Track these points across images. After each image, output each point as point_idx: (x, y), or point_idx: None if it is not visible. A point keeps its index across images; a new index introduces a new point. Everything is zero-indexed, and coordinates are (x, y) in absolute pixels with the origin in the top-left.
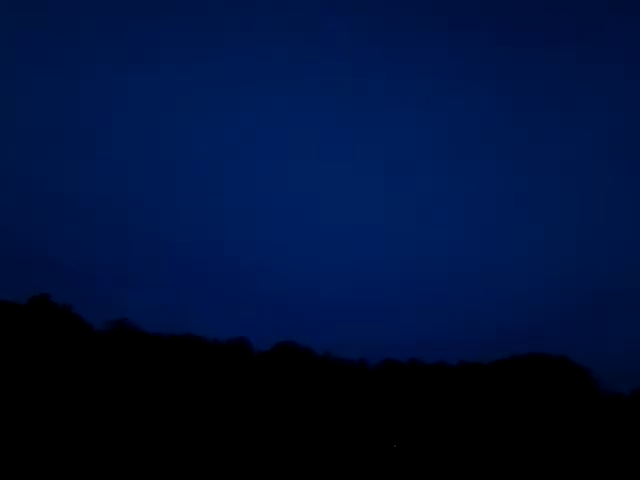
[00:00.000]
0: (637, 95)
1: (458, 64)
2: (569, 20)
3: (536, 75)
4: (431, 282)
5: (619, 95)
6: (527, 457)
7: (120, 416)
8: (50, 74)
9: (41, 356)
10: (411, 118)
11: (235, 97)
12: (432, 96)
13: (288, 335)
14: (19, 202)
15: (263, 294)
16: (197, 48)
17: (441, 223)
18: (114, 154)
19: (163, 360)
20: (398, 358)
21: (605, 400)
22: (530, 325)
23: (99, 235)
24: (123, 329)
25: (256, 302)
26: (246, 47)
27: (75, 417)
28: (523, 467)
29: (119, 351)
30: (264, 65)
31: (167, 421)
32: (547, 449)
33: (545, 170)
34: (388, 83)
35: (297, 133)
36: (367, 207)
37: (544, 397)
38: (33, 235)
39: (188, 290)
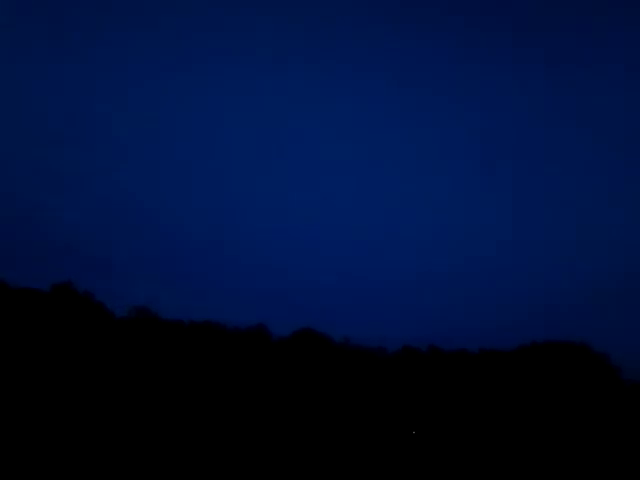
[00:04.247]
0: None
1: (460, 64)
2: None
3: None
4: (448, 272)
5: (621, 94)
6: (547, 444)
7: (142, 401)
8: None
9: (64, 342)
10: (412, 118)
11: (235, 97)
12: (434, 97)
13: (306, 323)
14: (40, 192)
15: (282, 282)
16: (197, 48)
17: (453, 213)
18: (132, 151)
19: (183, 346)
20: (417, 346)
21: (627, 388)
22: (551, 313)
23: (119, 225)
24: (144, 316)
25: (275, 290)
26: (249, 47)
27: (98, 403)
28: (543, 454)
29: (140, 338)
30: (269, 65)
31: (187, 407)
32: (567, 436)
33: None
34: (388, 83)
35: (298, 133)
36: (386, 201)
37: (564, 384)
38: (55, 224)
39: (208, 277)
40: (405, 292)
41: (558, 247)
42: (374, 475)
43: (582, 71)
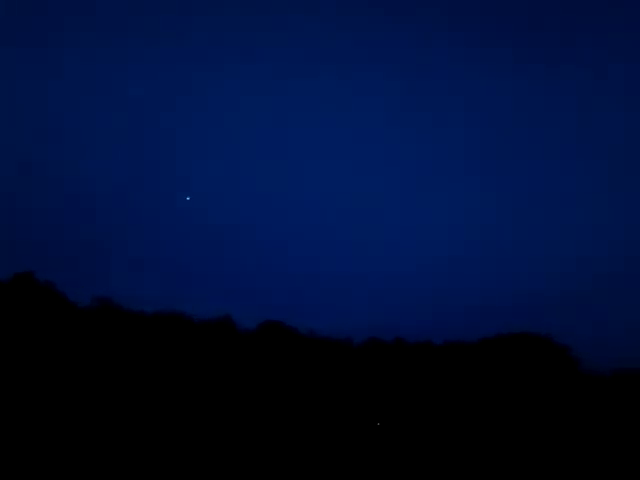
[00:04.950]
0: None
1: (461, 64)
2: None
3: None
4: (416, 265)
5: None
6: (509, 435)
7: (105, 394)
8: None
9: (25, 333)
10: (412, 117)
11: (235, 97)
12: (436, 97)
13: (273, 315)
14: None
15: (248, 274)
16: (197, 48)
17: (431, 208)
18: (101, 141)
19: (148, 337)
20: (383, 338)
21: (586, 379)
22: (517, 308)
23: (84, 215)
24: (108, 306)
25: (241, 282)
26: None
27: (61, 395)
28: (505, 445)
29: (104, 328)
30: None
31: (152, 400)
32: (528, 427)
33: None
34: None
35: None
36: (357, 191)
37: (526, 375)
38: (16, 214)
39: (173, 269)
40: (372, 285)
41: (525, 244)
42: (338, 466)
43: (582, 71)
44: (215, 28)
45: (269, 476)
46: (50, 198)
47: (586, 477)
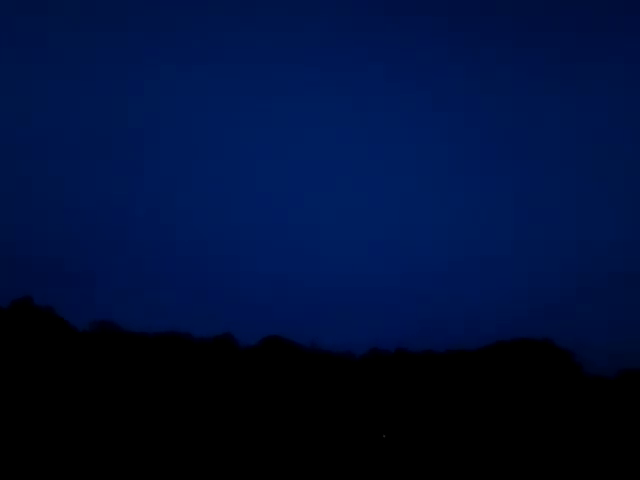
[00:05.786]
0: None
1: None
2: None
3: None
4: (413, 273)
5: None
6: (514, 441)
7: (107, 415)
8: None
9: (26, 358)
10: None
11: (234, 97)
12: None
13: (273, 330)
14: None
15: (247, 291)
16: (198, 48)
17: (423, 211)
18: (99, 154)
19: (149, 359)
20: (384, 348)
21: (590, 382)
22: (516, 312)
23: (79, 238)
24: (107, 330)
25: (240, 299)
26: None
27: (62, 417)
28: (510, 450)
29: (105, 351)
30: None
31: (154, 419)
32: (533, 433)
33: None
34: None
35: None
36: (349, 200)
37: (529, 381)
38: (13, 237)
39: (172, 289)
40: (371, 296)
41: (525, 247)
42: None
43: (582, 70)
44: (215, 28)
45: None
46: (45, 217)
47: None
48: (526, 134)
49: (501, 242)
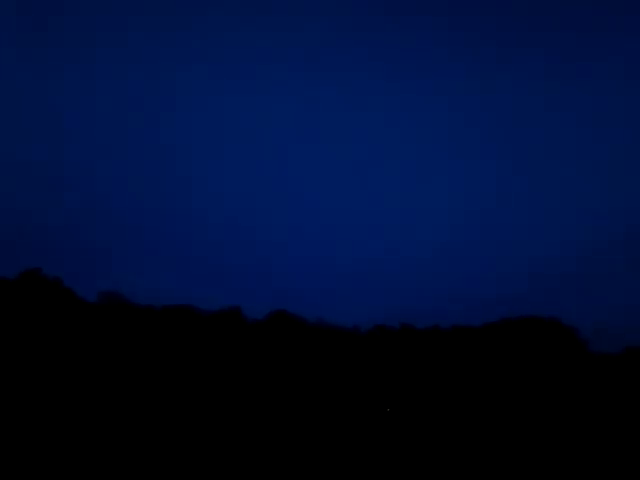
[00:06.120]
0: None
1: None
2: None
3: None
4: (422, 250)
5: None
6: (519, 418)
7: (114, 388)
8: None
9: (35, 329)
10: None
11: (234, 97)
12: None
13: (281, 304)
14: (7, 181)
15: (255, 265)
16: (198, 48)
17: (430, 194)
18: (105, 140)
19: (157, 331)
20: (390, 324)
21: (595, 359)
22: (522, 290)
23: (90, 211)
24: (116, 301)
25: (248, 272)
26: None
27: (71, 389)
28: (515, 427)
29: (113, 323)
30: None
31: (162, 392)
32: (538, 410)
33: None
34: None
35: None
36: (362, 188)
37: (535, 357)
38: (22, 211)
39: (181, 262)
40: (377, 273)
41: (527, 227)
42: (349, 452)
43: (583, 69)
44: (216, 28)
45: (280, 461)
46: (54, 196)
47: (599, 456)
48: (526, 134)
49: (507, 225)
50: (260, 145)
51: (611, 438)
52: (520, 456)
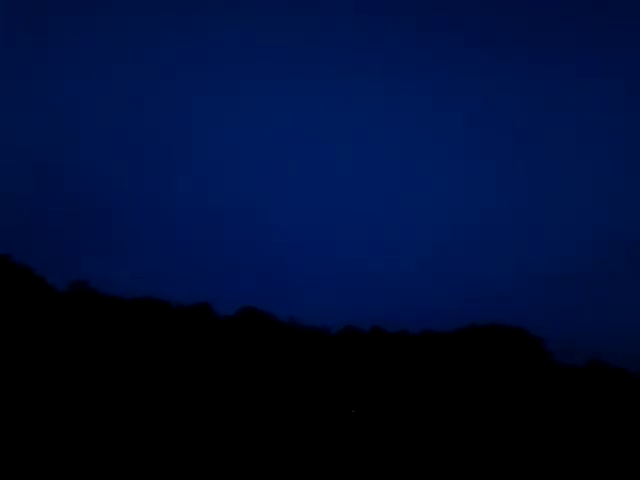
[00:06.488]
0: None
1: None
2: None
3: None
4: (394, 250)
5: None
6: (481, 425)
7: (81, 379)
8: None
9: (4, 316)
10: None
11: (233, 97)
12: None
13: (252, 301)
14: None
15: (228, 259)
16: (198, 48)
17: (430, 194)
18: (89, 134)
19: (125, 323)
20: (360, 326)
21: (559, 371)
22: (490, 297)
23: (63, 200)
24: (85, 291)
25: (220, 269)
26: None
27: (37, 378)
28: (477, 435)
29: (82, 313)
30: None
31: (128, 385)
32: (500, 418)
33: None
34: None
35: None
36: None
37: (499, 366)
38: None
39: (152, 255)
40: (348, 275)
41: (497, 233)
42: (312, 453)
43: (583, 69)
44: (216, 28)
45: (250, 459)
46: (27, 182)
47: (560, 465)
48: (526, 134)
49: (479, 228)
50: (259, 145)
51: (573, 449)
52: (479, 469)
